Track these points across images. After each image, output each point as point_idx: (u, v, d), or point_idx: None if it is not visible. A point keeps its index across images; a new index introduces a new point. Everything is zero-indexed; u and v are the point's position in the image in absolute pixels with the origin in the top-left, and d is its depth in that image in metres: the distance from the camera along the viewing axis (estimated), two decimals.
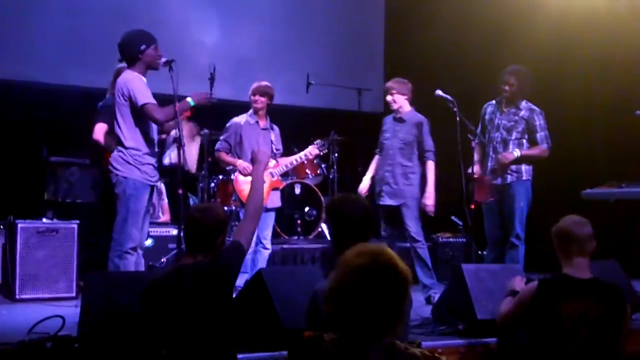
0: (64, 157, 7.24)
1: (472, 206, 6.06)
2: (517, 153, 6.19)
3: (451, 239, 8.08)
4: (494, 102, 6.49)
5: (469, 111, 6.57)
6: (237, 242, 3.66)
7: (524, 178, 6.26)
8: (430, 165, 6.37)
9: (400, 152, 6.40)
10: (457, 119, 6.27)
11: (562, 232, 3.73)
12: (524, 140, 6.29)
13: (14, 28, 8.12)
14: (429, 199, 6.32)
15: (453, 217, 8.12)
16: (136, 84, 5.06)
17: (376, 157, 6.66)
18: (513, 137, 6.28)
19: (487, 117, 6.50)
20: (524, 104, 6.32)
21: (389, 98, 6.48)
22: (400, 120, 6.48)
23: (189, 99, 5.22)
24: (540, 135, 6.27)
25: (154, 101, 5.08)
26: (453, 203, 7.03)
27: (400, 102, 6.45)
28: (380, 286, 2.29)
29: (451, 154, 6.40)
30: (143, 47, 5.13)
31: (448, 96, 6.28)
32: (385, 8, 10.42)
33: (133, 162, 5.05)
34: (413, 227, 6.31)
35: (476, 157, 6.53)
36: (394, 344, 2.34)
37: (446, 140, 6.62)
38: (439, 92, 6.32)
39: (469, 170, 6.43)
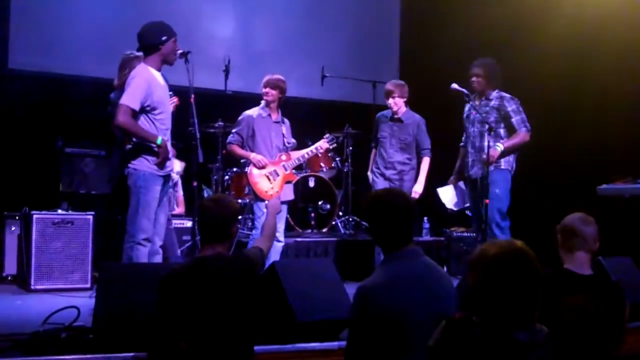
0: (79, 149, 7.27)
1: (487, 201, 6.03)
2: (500, 147, 6.13)
3: (465, 234, 8.07)
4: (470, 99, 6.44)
5: None
6: (259, 247, 3.79)
7: (502, 167, 6.22)
8: (426, 161, 6.76)
9: (400, 151, 6.70)
10: (474, 113, 6.26)
11: (565, 228, 3.72)
12: (501, 130, 6.24)
13: (30, 20, 8.15)
14: (419, 187, 6.68)
15: (468, 212, 8.10)
16: (137, 81, 4.97)
17: (374, 152, 6.92)
18: (487, 128, 6.15)
19: (465, 114, 6.50)
20: (494, 94, 6.31)
21: (390, 101, 6.69)
22: (399, 120, 6.71)
23: (158, 140, 5.02)
24: (516, 120, 6.22)
25: (133, 105, 4.93)
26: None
27: (400, 104, 6.69)
28: (521, 275, 2.53)
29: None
30: (164, 38, 5.09)
31: (464, 89, 6.24)
32: (401, 1, 10.39)
33: (143, 153, 5.06)
34: None
35: (458, 162, 6.62)
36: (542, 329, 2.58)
37: (460, 133, 6.62)
38: (454, 85, 6.27)
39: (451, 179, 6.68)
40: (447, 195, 6.71)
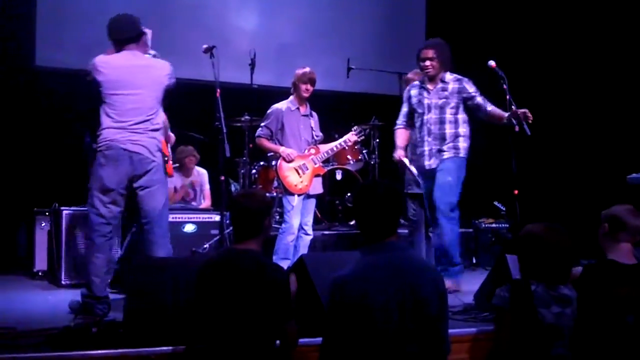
0: None
1: (516, 192, 5.89)
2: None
3: (493, 225, 7.98)
4: (417, 83, 6.18)
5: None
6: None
7: (461, 155, 5.95)
8: None
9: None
10: (507, 97, 5.90)
11: (616, 219, 3.71)
12: (459, 116, 5.97)
13: (56, 18, 8.21)
14: None
15: (496, 203, 8.03)
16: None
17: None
18: (447, 114, 5.96)
19: (413, 99, 6.14)
20: (449, 76, 6.00)
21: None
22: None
23: None
24: (481, 98, 5.93)
25: None
26: (496, 188, 6.95)
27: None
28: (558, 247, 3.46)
29: (496, 135, 6.30)
30: (142, 27, 5.18)
31: (500, 71, 5.83)
32: None
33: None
34: None
35: (399, 142, 6.17)
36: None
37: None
38: (492, 62, 5.85)
39: (394, 156, 6.16)
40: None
